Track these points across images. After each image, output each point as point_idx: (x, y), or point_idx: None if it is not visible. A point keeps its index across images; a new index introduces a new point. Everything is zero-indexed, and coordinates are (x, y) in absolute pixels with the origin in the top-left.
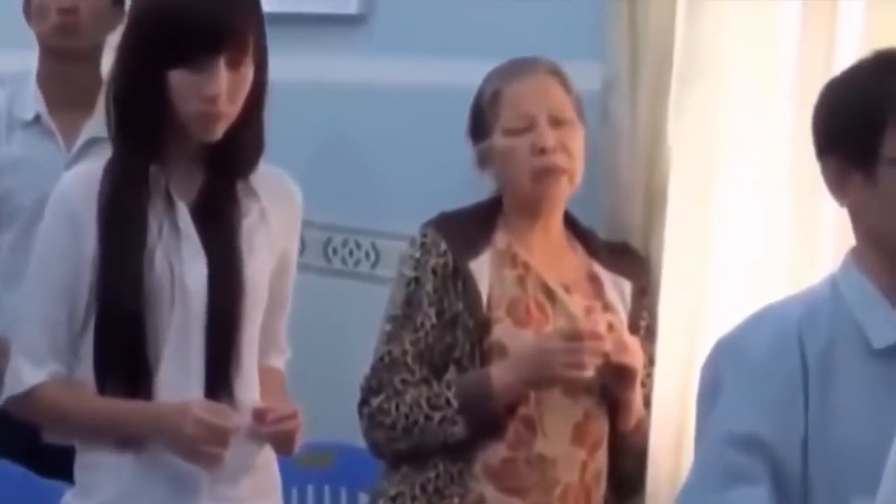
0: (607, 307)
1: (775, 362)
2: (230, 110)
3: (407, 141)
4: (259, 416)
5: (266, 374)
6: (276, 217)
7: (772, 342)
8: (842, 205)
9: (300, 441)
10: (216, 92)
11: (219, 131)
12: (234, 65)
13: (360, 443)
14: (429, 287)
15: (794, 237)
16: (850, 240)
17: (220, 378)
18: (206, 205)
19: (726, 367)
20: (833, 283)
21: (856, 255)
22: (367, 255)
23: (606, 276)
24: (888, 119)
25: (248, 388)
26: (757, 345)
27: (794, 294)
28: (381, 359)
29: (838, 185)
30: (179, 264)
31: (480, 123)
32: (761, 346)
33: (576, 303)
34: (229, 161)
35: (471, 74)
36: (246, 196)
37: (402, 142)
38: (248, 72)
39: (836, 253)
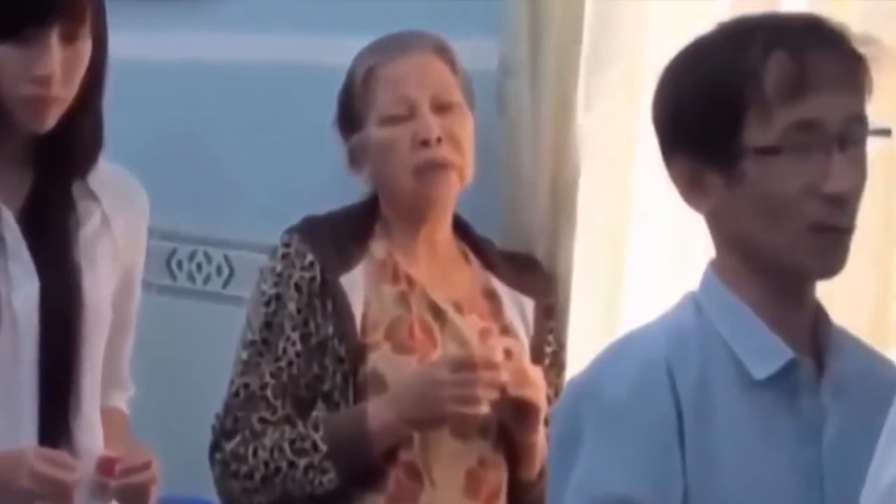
0: (506, 330)
1: (643, 405)
2: (64, 94)
3: (265, 132)
4: (105, 466)
5: (107, 415)
6: (120, 224)
7: (637, 381)
8: (698, 210)
9: (155, 497)
10: (48, 71)
11: (51, 120)
12: (69, 39)
13: (213, 496)
14: (292, 307)
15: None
16: None
17: (57, 420)
18: (36, 211)
19: (585, 414)
20: (695, 303)
21: (718, 269)
22: (219, 269)
23: (505, 293)
24: (749, 102)
25: (91, 432)
26: (619, 385)
27: (656, 319)
28: (236, 393)
29: (692, 189)
30: (6, 283)
31: (351, 111)
32: (624, 386)
33: (469, 324)
34: (64, 157)
35: (341, 53)
36: (84, 199)
37: (260, 133)
38: (86, 47)
39: None
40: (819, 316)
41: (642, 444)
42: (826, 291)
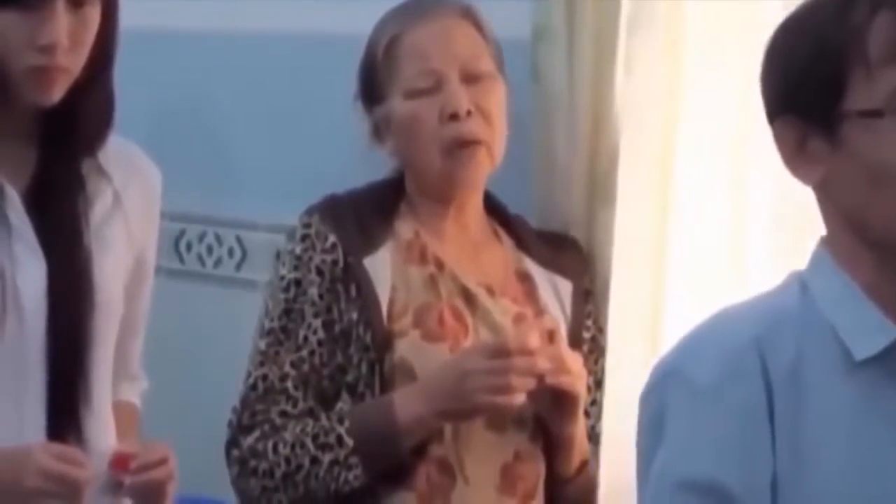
0: (541, 314)
1: (731, 391)
2: (72, 64)
3: (280, 106)
4: (120, 461)
5: (117, 409)
6: (132, 204)
7: (725, 363)
8: (806, 182)
9: (172, 494)
10: (54, 39)
11: (57, 92)
12: (76, 5)
13: (228, 496)
14: (313, 292)
15: (774, 224)
16: None
17: (66, 414)
18: (43, 191)
19: (670, 396)
20: (801, 283)
21: (829, 245)
22: (231, 252)
23: (540, 275)
24: (853, 63)
25: (102, 427)
26: (706, 367)
27: (750, 299)
28: (254, 386)
29: (797, 156)
30: (11, 268)
31: (374, 83)
32: (712, 368)
33: (502, 309)
34: (72, 132)
35: (361, 19)
36: (94, 177)
37: (274, 107)
38: (94, 14)
39: None
40: None
41: (729, 427)
42: None
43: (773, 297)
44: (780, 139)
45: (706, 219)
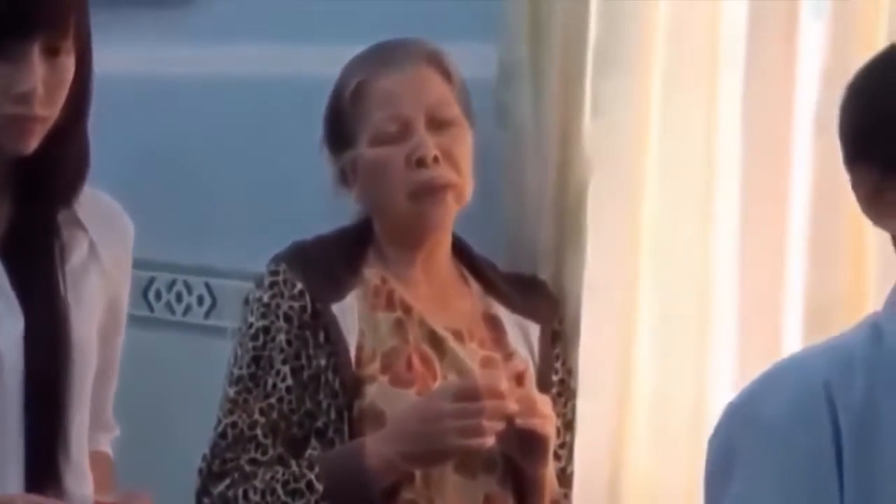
0: (510, 358)
1: (800, 435)
2: (48, 112)
3: (249, 149)
4: None
5: (93, 459)
6: (107, 254)
7: (795, 408)
8: (883, 227)
9: None
10: (30, 88)
11: (34, 141)
12: (52, 53)
13: None
14: (282, 339)
15: (749, 266)
16: (830, 266)
17: (45, 466)
18: (18, 242)
19: (739, 438)
20: (874, 326)
21: None
22: (201, 299)
23: (508, 319)
24: None
25: (80, 477)
26: (776, 412)
27: (819, 343)
28: (224, 434)
29: (873, 203)
30: None
31: (340, 129)
32: (781, 412)
33: (470, 353)
34: (48, 181)
35: (330, 62)
36: (70, 229)
37: (244, 151)
38: (69, 63)
39: (810, 283)
40: None
41: (797, 473)
42: None
43: (843, 339)
44: (856, 186)
45: (675, 258)
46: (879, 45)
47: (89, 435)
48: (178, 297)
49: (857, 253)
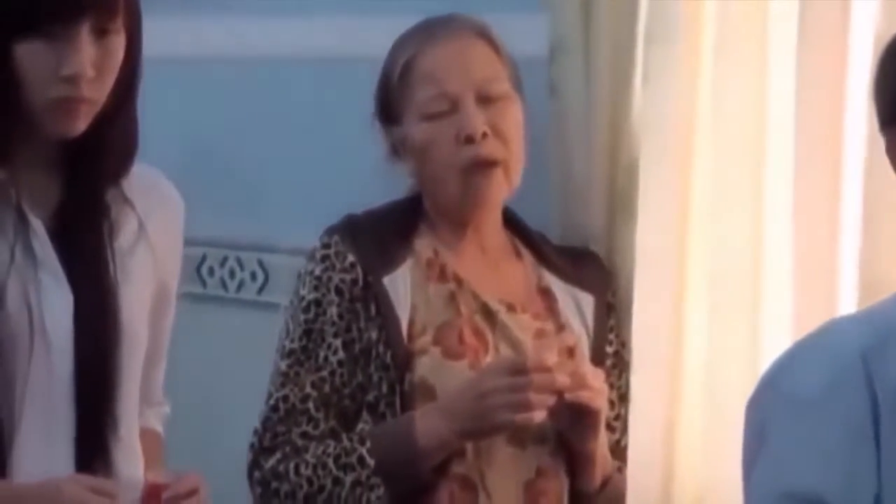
0: (563, 329)
1: (835, 402)
2: (96, 94)
3: (298, 126)
4: (152, 493)
5: (143, 437)
6: (156, 232)
7: (829, 376)
8: None
9: None
10: (78, 70)
11: (81, 123)
12: (101, 34)
13: None
14: (333, 312)
15: (802, 238)
16: (882, 235)
17: (94, 445)
18: (67, 221)
19: (773, 408)
20: None
21: None
22: (253, 275)
23: (562, 290)
24: None
25: (130, 457)
26: (810, 380)
27: (855, 313)
28: (275, 407)
29: None
30: (37, 300)
31: (390, 105)
32: (816, 381)
33: (523, 325)
34: (96, 162)
35: (377, 39)
36: (118, 206)
37: (293, 127)
38: (119, 44)
39: (863, 254)
40: None
41: (833, 440)
42: None
43: (881, 307)
44: (891, 149)
45: (727, 230)
46: None
47: (140, 413)
48: (231, 274)
49: None
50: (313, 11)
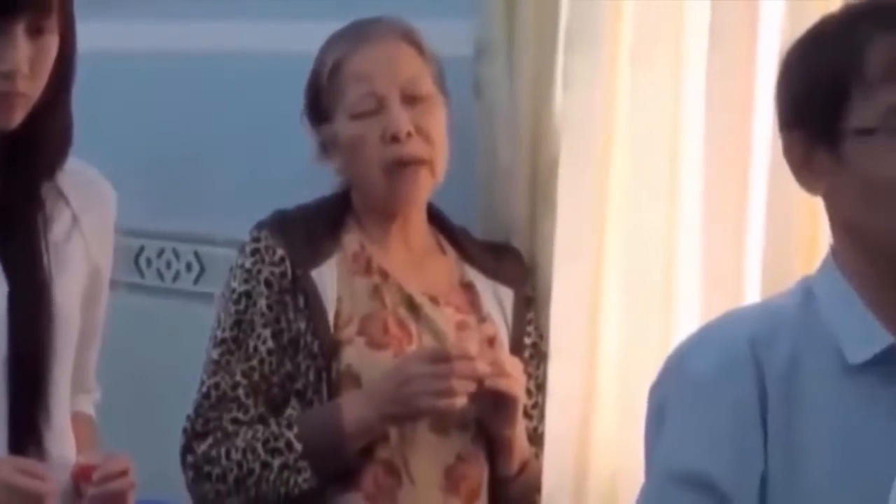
0: (484, 321)
1: (725, 388)
2: (31, 90)
3: (233, 123)
4: (83, 473)
5: (75, 421)
6: (89, 224)
7: (720, 363)
8: (811, 192)
9: (132, 502)
10: (14, 66)
11: (17, 117)
12: (36, 33)
13: (186, 500)
14: (263, 303)
15: (712, 235)
16: (787, 233)
17: (27, 429)
18: (3, 213)
19: (671, 391)
20: (806, 287)
21: (834, 251)
22: (189, 266)
23: (483, 284)
24: (852, 83)
25: (62, 440)
26: (703, 366)
27: (754, 303)
28: (207, 394)
29: (804, 166)
30: None
31: (319, 104)
32: (708, 367)
33: (446, 317)
34: (31, 156)
35: (310, 40)
36: (52, 201)
37: (228, 124)
38: (53, 42)
39: (768, 252)
40: None
41: (722, 423)
42: None
43: (778, 299)
44: (788, 151)
45: (642, 225)
46: None
47: (72, 397)
48: (168, 265)
49: (812, 220)
50: (248, 13)
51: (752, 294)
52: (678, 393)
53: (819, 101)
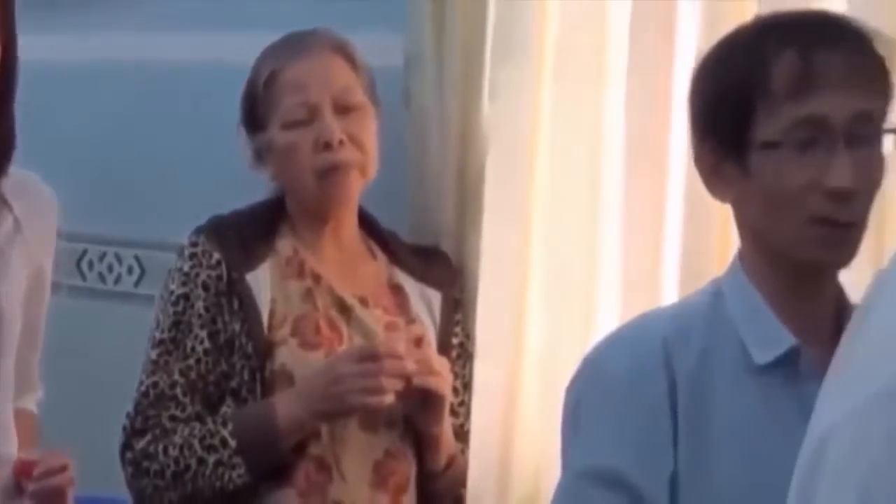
0: (412, 322)
1: (637, 387)
2: None
3: (172, 131)
4: (23, 469)
5: (18, 418)
6: (31, 229)
7: (632, 363)
8: (721, 199)
9: (71, 499)
10: None
11: None
12: None
13: (127, 495)
14: (200, 305)
15: (632, 240)
16: (702, 239)
17: None
18: None
19: (585, 389)
20: (716, 287)
21: (742, 256)
22: (130, 269)
23: (411, 286)
24: (758, 98)
25: (4, 438)
26: (617, 365)
27: (676, 303)
28: (146, 393)
29: (714, 175)
30: None
31: (255, 113)
32: (621, 367)
33: (375, 318)
34: None
35: (245, 51)
36: None
37: (167, 132)
38: None
39: (685, 257)
40: (842, 308)
41: (633, 420)
42: None
43: (689, 300)
44: (699, 160)
45: (565, 230)
46: None
47: (15, 395)
48: (110, 268)
49: (726, 225)
50: (185, 24)
51: (669, 295)
52: (592, 392)
53: (727, 113)
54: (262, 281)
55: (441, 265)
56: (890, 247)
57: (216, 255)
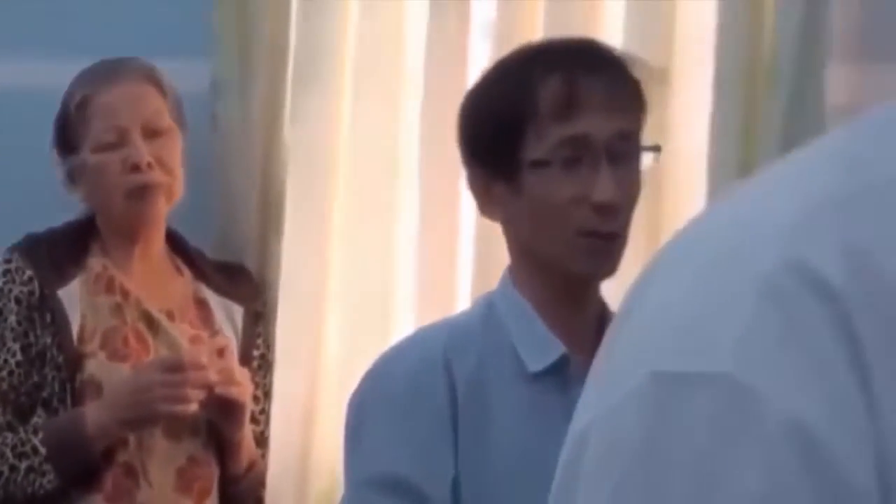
0: (216, 334)
1: (418, 393)
2: None
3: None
4: None
5: None
6: None
7: (414, 370)
8: (491, 219)
9: None
10: None
11: None
12: None
13: None
14: (12, 320)
15: (426, 256)
16: (493, 255)
17: None
18: None
19: (369, 398)
20: (489, 302)
21: (512, 271)
22: None
23: (215, 301)
24: (527, 119)
25: None
26: (399, 373)
27: (450, 316)
28: None
29: (484, 199)
30: None
31: (68, 136)
32: (403, 374)
33: (181, 331)
34: None
35: (57, 76)
36: None
37: None
38: None
39: (477, 271)
40: (604, 317)
41: (414, 429)
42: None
43: (464, 314)
44: (470, 183)
45: (362, 248)
46: None
47: None
48: None
49: None
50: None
51: (462, 306)
52: (373, 403)
53: (498, 135)
54: (72, 296)
55: (244, 281)
56: None
57: (28, 272)
